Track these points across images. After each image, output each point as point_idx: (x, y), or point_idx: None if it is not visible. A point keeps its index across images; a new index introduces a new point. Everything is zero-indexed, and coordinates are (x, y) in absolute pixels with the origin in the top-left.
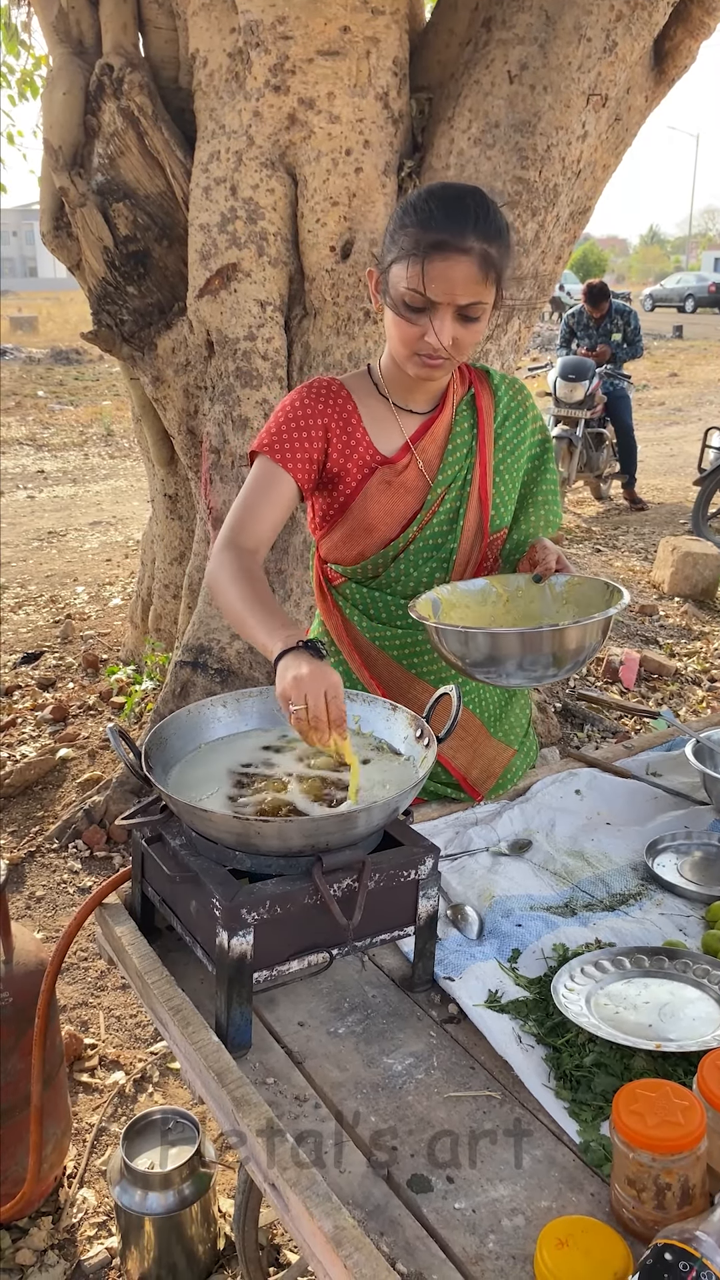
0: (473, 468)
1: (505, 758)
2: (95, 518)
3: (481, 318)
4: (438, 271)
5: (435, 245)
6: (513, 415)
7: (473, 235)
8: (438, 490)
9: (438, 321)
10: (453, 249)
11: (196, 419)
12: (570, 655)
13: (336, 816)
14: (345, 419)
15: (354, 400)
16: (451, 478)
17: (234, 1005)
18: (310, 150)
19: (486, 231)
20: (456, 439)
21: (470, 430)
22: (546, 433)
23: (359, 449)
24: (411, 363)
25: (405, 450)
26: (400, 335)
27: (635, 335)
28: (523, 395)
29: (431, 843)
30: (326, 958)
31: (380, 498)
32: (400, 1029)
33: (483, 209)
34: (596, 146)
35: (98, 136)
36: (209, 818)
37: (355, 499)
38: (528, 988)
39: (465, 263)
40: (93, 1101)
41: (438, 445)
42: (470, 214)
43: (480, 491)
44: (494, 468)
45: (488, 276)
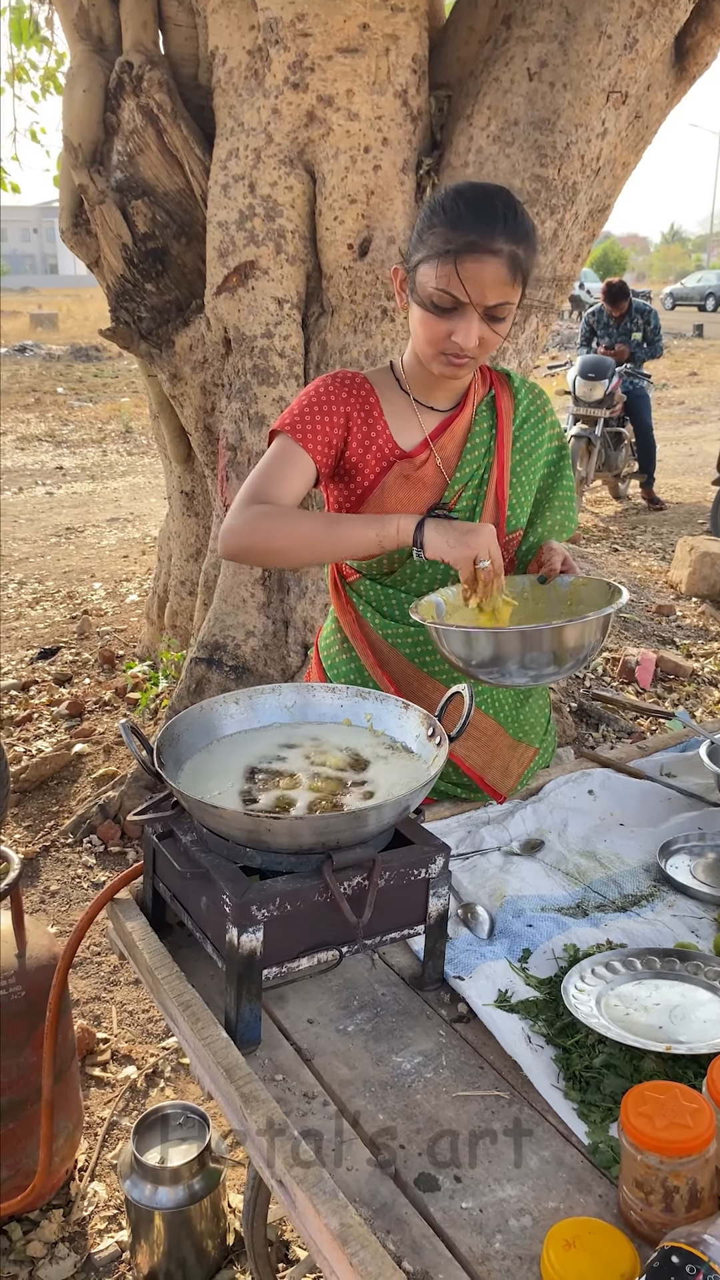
0: (490, 467)
1: (527, 757)
2: (113, 514)
3: (507, 318)
4: (468, 273)
5: (466, 247)
6: (531, 419)
7: (502, 237)
8: (455, 487)
9: (466, 322)
10: (483, 250)
11: (213, 416)
12: (570, 653)
13: (347, 814)
14: (367, 411)
15: (376, 394)
16: (469, 475)
17: (243, 1002)
18: (329, 148)
19: (515, 233)
20: (475, 438)
21: (489, 430)
22: (563, 439)
23: (378, 441)
24: (437, 361)
25: (424, 446)
26: (427, 334)
27: (655, 334)
28: (541, 400)
29: (442, 841)
30: (336, 955)
31: (398, 491)
32: (409, 1027)
33: (511, 210)
34: (616, 144)
35: (117, 134)
36: (220, 814)
37: (373, 491)
38: (538, 988)
39: (495, 264)
40: (104, 1096)
41: (457, 443)
42: (500, 215)
43: (497, 491)
44: (511, 469)
45: (515, 278)
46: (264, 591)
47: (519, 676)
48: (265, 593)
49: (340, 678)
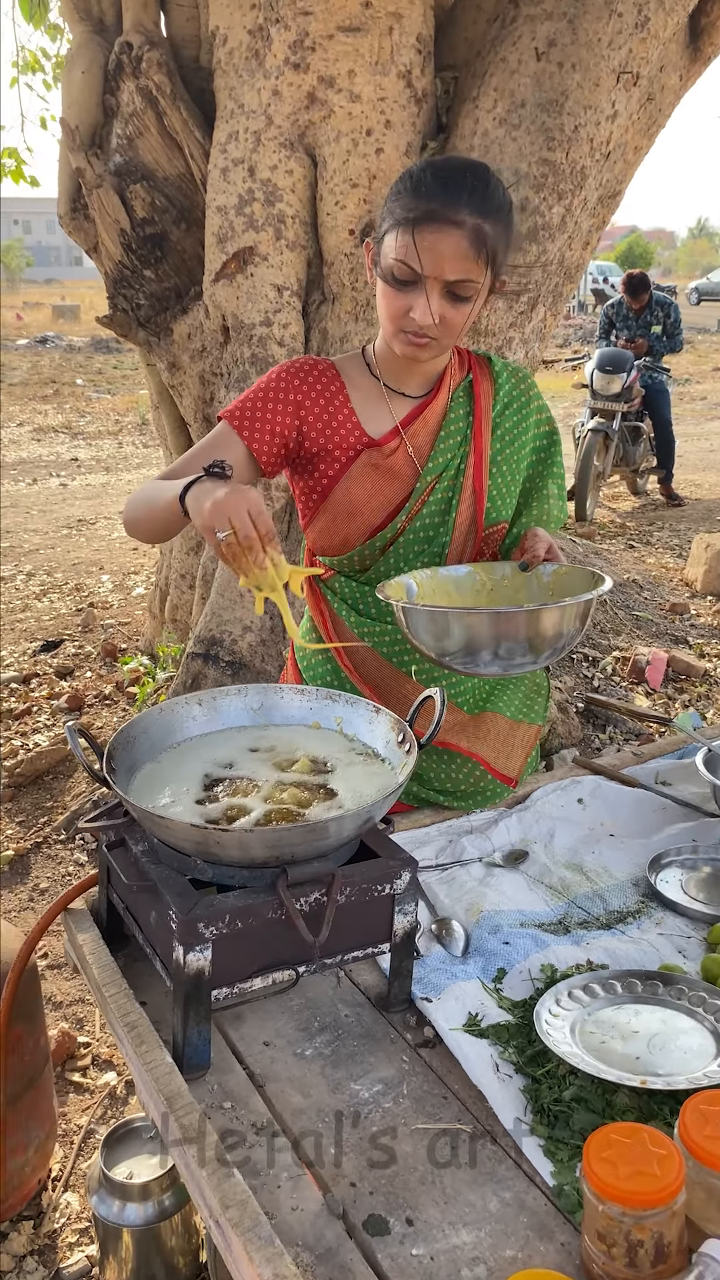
0: (466, 457)
1: (530, 735)
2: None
3: (473, 299)
4: (426, 243)
5: (426, 215)
6: (514, 405)
7: (466, 208)
8: (427, 478)
9: (423, 297)
10: (443, 220)
11: (212, 406)
12: (548, 642)
13: (303, 827)
14: (329, 399)
15: (342, 379)
16: (443, 466)
17: (190, 1024)
18: (330, 130)
19: (482, 206)
20: (450, 425)
21: (465, 418)
22: (553, 424)
23: (343, 429)
24: (398, 340)
25: (394, 433)
26: (387, 309)
27: (675, 328)
28: (526, 384)
29: (409, 855)
30: (293, 975)
31: (365, 480)
32: (371, 1052)
33: (481, 181)
34: (627, 127)
35: (116, 116)
36: (167, 825)
37: (339, 481)
38: (511, 1011)
39: (455, 236)
40: (83, 1102)
41: (429, 431)
42: (465, 185)
43: (475, 482)
44: (490, 458)
45: (480, 253)
46: None
47: (491, 665)
48: None
49: (316, 679)
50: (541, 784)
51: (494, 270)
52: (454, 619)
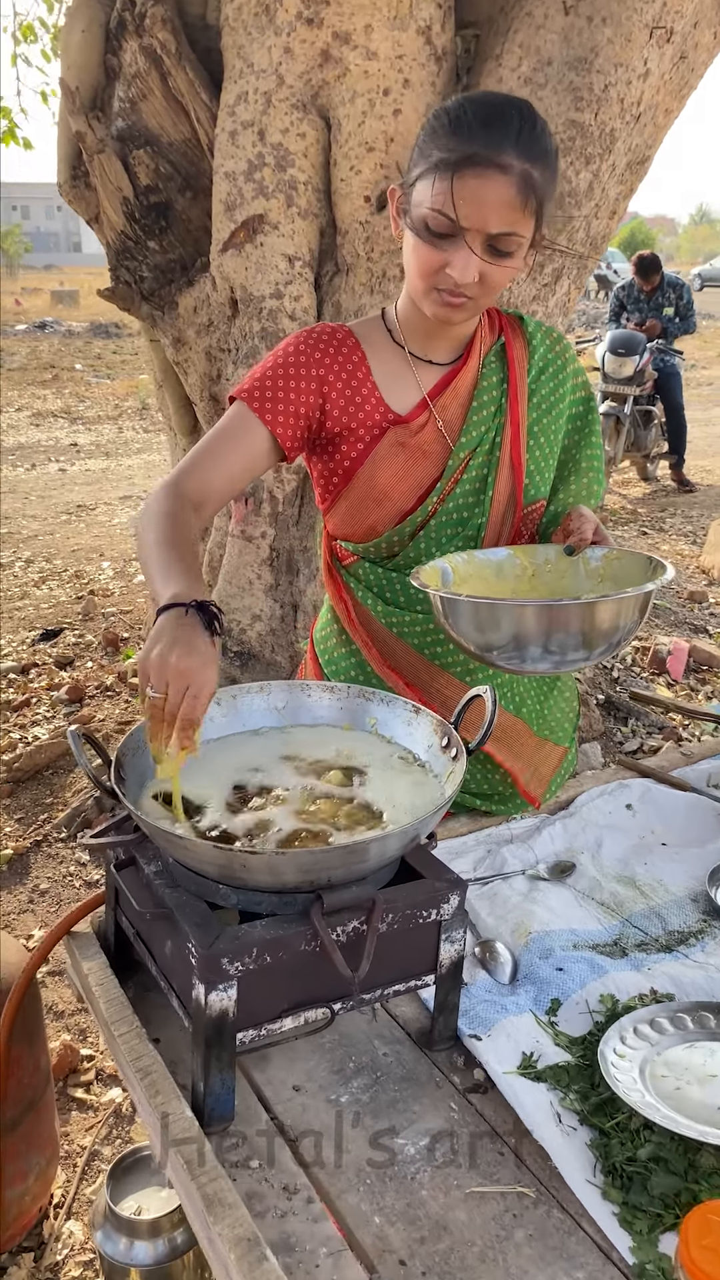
0: (502, 429)
1: (555, 757)
2: (126, 492)
3: (515, 253)
4: (468, 190)
5: (468, 159)
6: (550, 368)
7: (513, 151)
8: (460, 454)
9: (463, 251)
10: (488, 164)
11: (219, 384)
12: (602, 636)
13: (341, 849)
14: (350, 371)
15: (363, 349)
16: (477, 440)
17: (212, 1072)
18: (345, 90)
19: (531, 149)
20: (483, 395)
21: (499, 385)
22: (589, 389)
23: (366, 406)
24: (429, 299)
25: (422, 407)
26: (419, 265)
27: (688, 309)
28: (561, 346)
29: (457, 876)
30: (327, 1014)
31: (392, 462)
32: (415, 1098)
33: (528, 121)
34: (659, 88)
35: (118, 78)
36: (185, 846)
37: (363, 464)
38: (569, 1049)
39: (502, 183)
40: (86, 1121)
41: (460, 402)
42: (512, 125)
43: (512, 456)
44: (528, 429)
45: (526, 203)
46: (271, 573)
47: (540, 661)
48: (273, 574)
49: (339, 675)
50: (585, 787)
51: (539, 222)
52: (504, 612)
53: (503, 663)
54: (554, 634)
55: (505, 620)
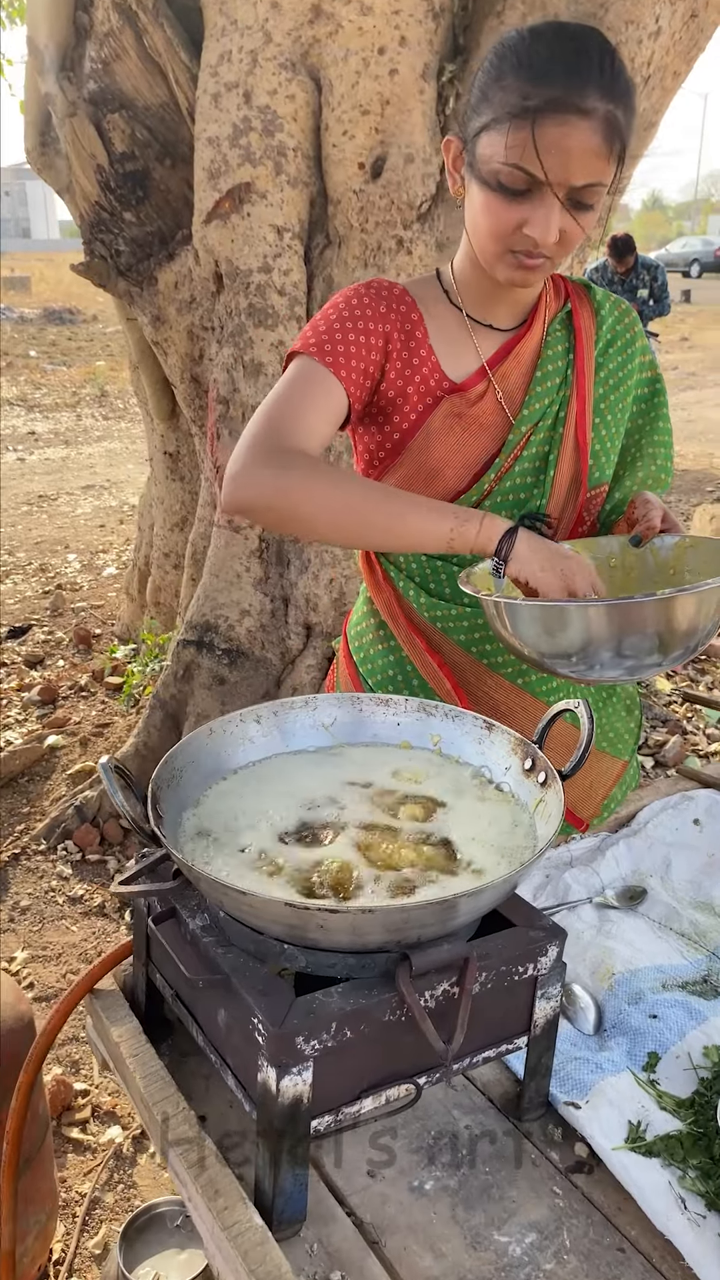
0: (567, 403)
1: (613, 772)
2: (88, 481)
3: (597, 205)
4: (550, 141)
5: (548, 105)
6: (618, 341)
7: (597, 92)
8: (521, 429)
9: (544, 208)
10: (571, 110)
11: (202, 364)
12: (680, 637)
13: (436, 904)
14: (408, 332)
15: (420, 310)
16: (539, 414)
17: (283, 1168)
18: (337, 48)
19: (614, 88)
20: (547, 365)
21: (565, 355)
22: (657, 370)
23: (423, 370)
24: (503, 263)
25: (481, 375)
26: (491, 226)
27: (662, 291)
28: (631, 319)
29: (553, 923)
30: (413, 1091)
31: (447, 435)
32: (512, 1182)
33: (608, 55)
34: (669, 48)
35: (90, 37)
36: (251, 904)
37: (415, 435)
38: (677, 1113)
39: (586, 129)
40: (84, 1164)
41: (523, 371)
42: (594, 62)
43: (577, 433)
44: (594, 405)
45: (612, 149)
46: (260, 565)
47: (611, 668)
48: (262, 566)
49: (375, 675)
50: (646, 801)
51: (620, 168)
52: (571, 614)
53: (566, 671)
54: (627, 636)
55: (573, 623)
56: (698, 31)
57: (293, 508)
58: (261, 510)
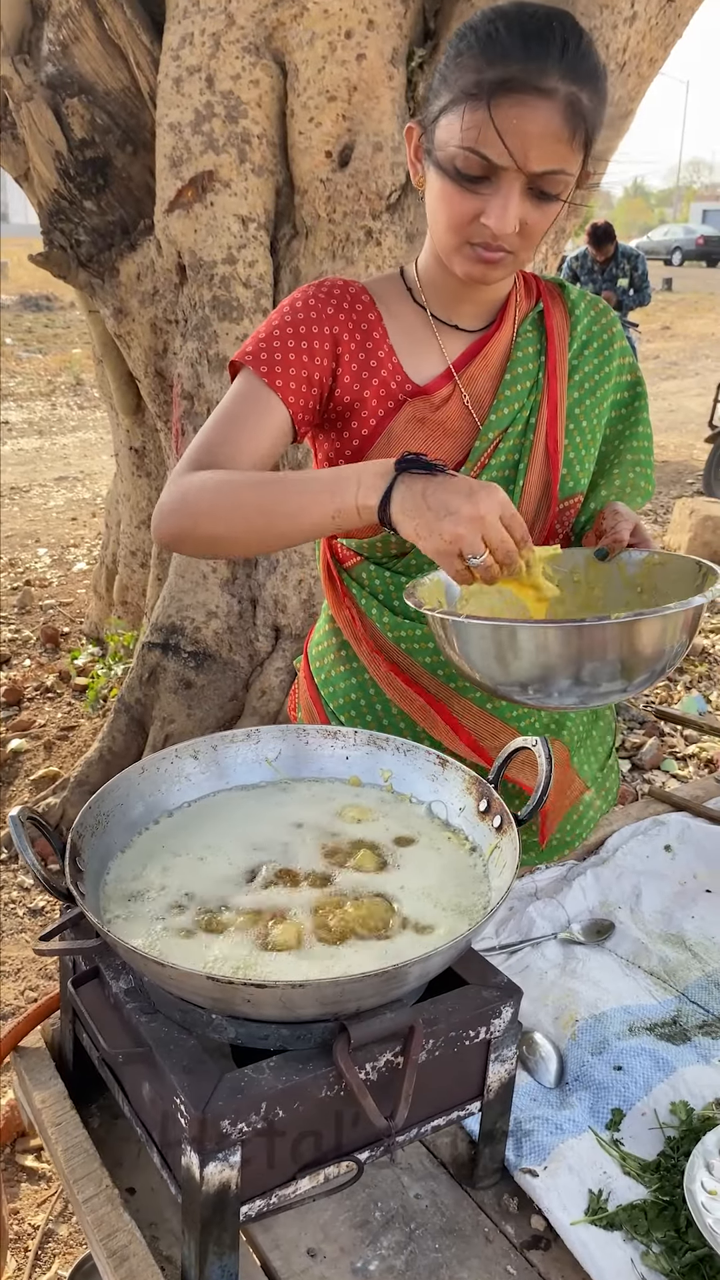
0: (538, 408)
1: (573, 792)
2: (61, 473)
3: (561, 194)
4: (508, 122)
5: (503, 84)
6: (594, 343)
7: (557, 71)
8: (489, 434)
9: (502, 195)
10: (529, 89)
11: (166, 358)
12: (645, 661)
13: (375, 976)
14: (365, 333)
15: (378, 309)
16: (509, 419)
17: (210, 1259)
18: (303, 32)
19: (577, 68)
20: (516, 367)
21: (536, 358)
22: (637, 373)
23: (381, 373)
24: (461, 255)
25: (446, 378)
26: (448, 215)
27: (643, 280)
28: (608, 319)
29: (508, 980)
30: (353, 1168)
31: (410, 440)
32: (462, 1260)
33: (573, 34)
34: (645, 34)
35: (47, 18)
36: (172, 975)
37: (375, 441)
38: (642, 1178)
39: (546, 110)
40: (37, 1194)
41: (491, 374)
42: (555, 40)
43: (548, 441)
44: (568, 410)
45: (575, 133)
46: (227, 566)
47: (568, 695)
48: (229, 567)
49: (337, 698)
50: (616, 826)
51: (586, 155)
52: (522, 635)
53: (521, 698)
54: (586, 661)
55: (524, 645)
56: (674, 17)
57: (208, 525)
58: (184, 538)
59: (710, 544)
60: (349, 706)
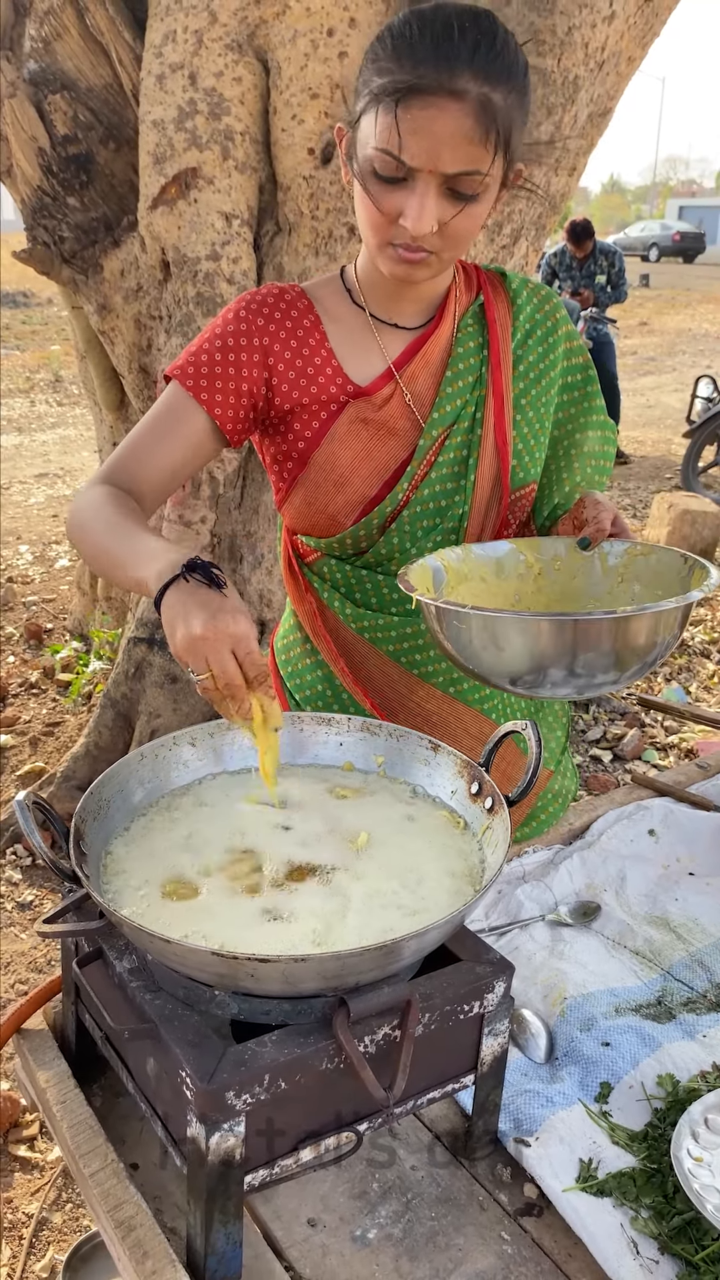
0: (483, 402)
1: (539, 780)
2: (42, 469)
3: (481, 196)
4: (415, 123)
5: (412, 87)
6: (538, 331)
7: (468, 72)
8: (433, 432)
9: (416, 196)
10: (436, 91)
11: (150, 354)
12: (637, 654)
13: (374, 950)
14: (301, 338)
15: (317, 311)
16: (453, 415)
17: (215, 1227)
18: (285, 29)
19: (490, 68)
20: (458, 363)
21: (479, 351)
22: (586, 355)
23: (320, 377)
24: (384, 255)
25: (387, 377)
26: (368, 216)
27: (620, 277)
28: (551, 305)
29: (501, 957)
30: (353, 1139)
31: (353, 441)
32: (458, 1227)
33: (486, 34)
34: (624, 32)
35: (29, 14)
36: (176, 951)
37: (319, 444)
38: (630, 1148)
39: (455, 112)
40: (31, 1183)
41: (431, 372)
42: (466, 40)
43: (496, 434)
44: (514, 401)
45: (489, 135)
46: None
47: (562, 685)
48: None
49: (304, 690)
50: (601, 811)
51: (508, 156)
52: (520, 627)
53: (512, 686)
54: (582, 653)
55: (524, 638)
56: (652, 16)
57: (82, 547)
58: (75, 546)
59: (689, 538)
60: (315, 699)
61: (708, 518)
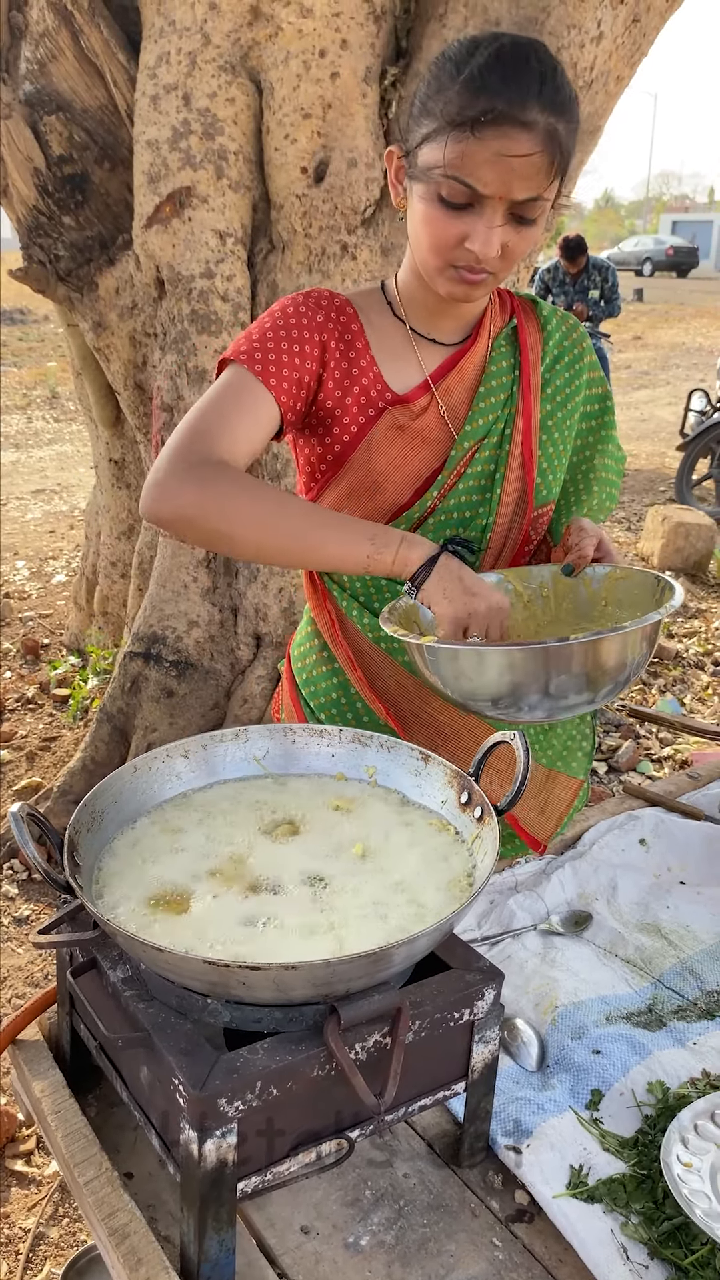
0: (513, 420)
1: (569, 791)
2: (38, 485)
3: (539, 220)
4: (490, 154)
5: (490, 116)
6: (565, 357)
7: (537, 105)
8: (465, 445)
9: (485, 222)
10: (512, 122)
11: (145, 371)
12: (609, 675)
13: (364, 957)
14: (348, 342)
15: (361, 320)
16: (484, 430)
17: (209, 1234)
18: (277, 51)
19: (555, 100)
20: (491, 380)
21: (510, 371)
22: (606, 388)
23: (362, 381)
24: (444, 277)
25: (424, 389)
26: (432, 240)
27: (613, 292)
28: (578, 335)
29: (490, 964)
30: (344, 1145)
31: (389, 447)
32: (449, 1234)
33: (549, 67)
34: (611, 52)
35: (24, 37)
36: (168, 960)
37: (356, 448)
38: (620, 1154)
39: (526, 142)
40: (28, 1198)
41: (466, 386)
42: (534, 74)
43: (523, 451)
44: (541, 422)
45: (553, 163)
46: (208, 575)
47: (538, 709)
48: (210, 576)
49: (318, 698)
50: (592, 821)
51: (562, 182)
52: (491, 656)
53: (496, 714)
54: (554, 678)
55: (496, 667)
56: (640, 36)
57: (212, 524)
58: (181, 525)
59: (683, 550)
60: (329, 705)
61: (701, 530)
